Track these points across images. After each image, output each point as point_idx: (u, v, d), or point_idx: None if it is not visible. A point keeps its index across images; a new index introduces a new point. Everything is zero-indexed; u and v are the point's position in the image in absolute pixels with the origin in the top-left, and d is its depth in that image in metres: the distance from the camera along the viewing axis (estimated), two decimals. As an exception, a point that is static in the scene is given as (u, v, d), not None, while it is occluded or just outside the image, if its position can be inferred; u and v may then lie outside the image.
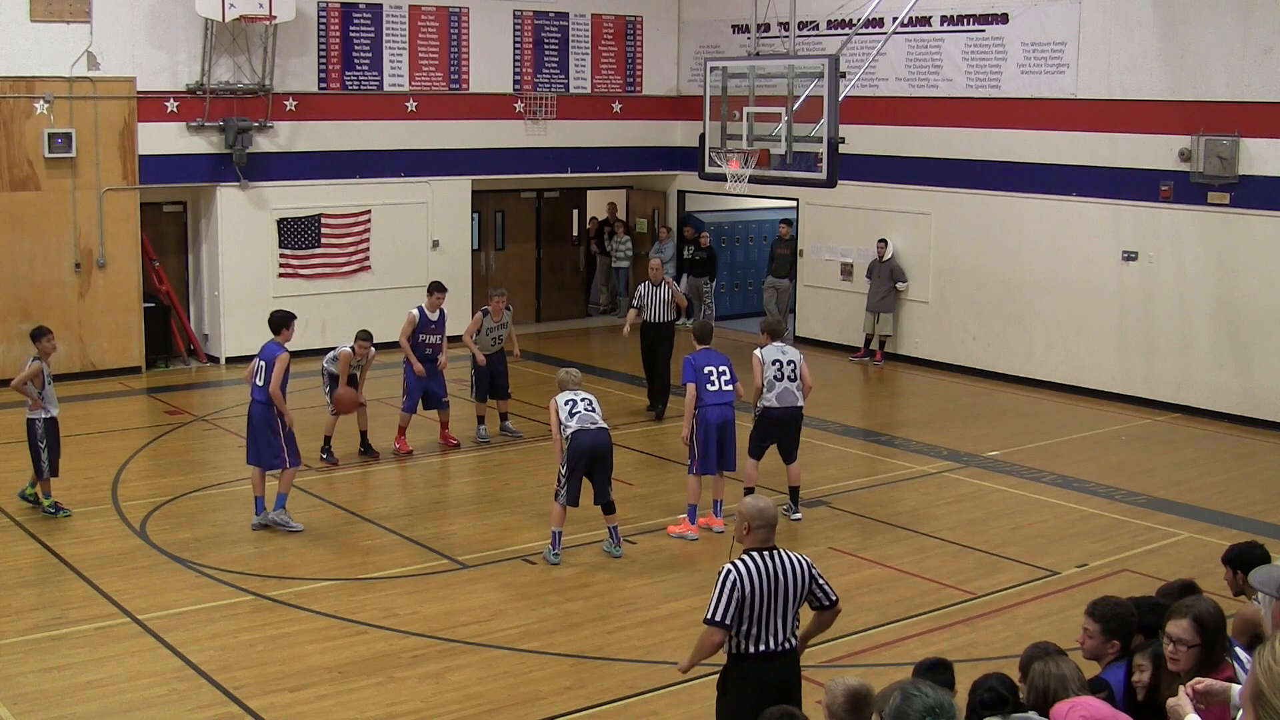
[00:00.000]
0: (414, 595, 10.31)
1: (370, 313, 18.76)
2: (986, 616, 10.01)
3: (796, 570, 6.40)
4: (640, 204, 23.85)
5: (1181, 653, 5.18)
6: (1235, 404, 16.12)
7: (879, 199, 19.65)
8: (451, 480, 14.07)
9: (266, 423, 11.68)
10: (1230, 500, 13.04)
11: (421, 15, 20.17)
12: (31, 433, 11.93)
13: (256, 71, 18.64)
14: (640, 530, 11.82)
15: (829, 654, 9.08)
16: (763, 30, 16.17)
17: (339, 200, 19.62)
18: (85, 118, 17.49)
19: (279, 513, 11.78)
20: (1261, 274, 15.79)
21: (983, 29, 18.36)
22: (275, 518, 11.76)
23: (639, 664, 9.07)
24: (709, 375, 11.59)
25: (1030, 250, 18.04)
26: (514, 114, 21.15)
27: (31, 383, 11.86)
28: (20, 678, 8.70)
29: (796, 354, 11.91)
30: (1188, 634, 5.18)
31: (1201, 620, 5.19)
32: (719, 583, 6.34)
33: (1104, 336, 17.36)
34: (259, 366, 11.71)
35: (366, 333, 13.94)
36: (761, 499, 6.64)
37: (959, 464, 14.27)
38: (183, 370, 18.70)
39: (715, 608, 6.31)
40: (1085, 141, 17.26)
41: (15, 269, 17.28)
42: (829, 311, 20.75)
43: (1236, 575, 6.51)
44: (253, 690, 8.55)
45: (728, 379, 11.66)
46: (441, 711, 8.33)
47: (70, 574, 10.66)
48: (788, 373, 11.71)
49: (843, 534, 11.92)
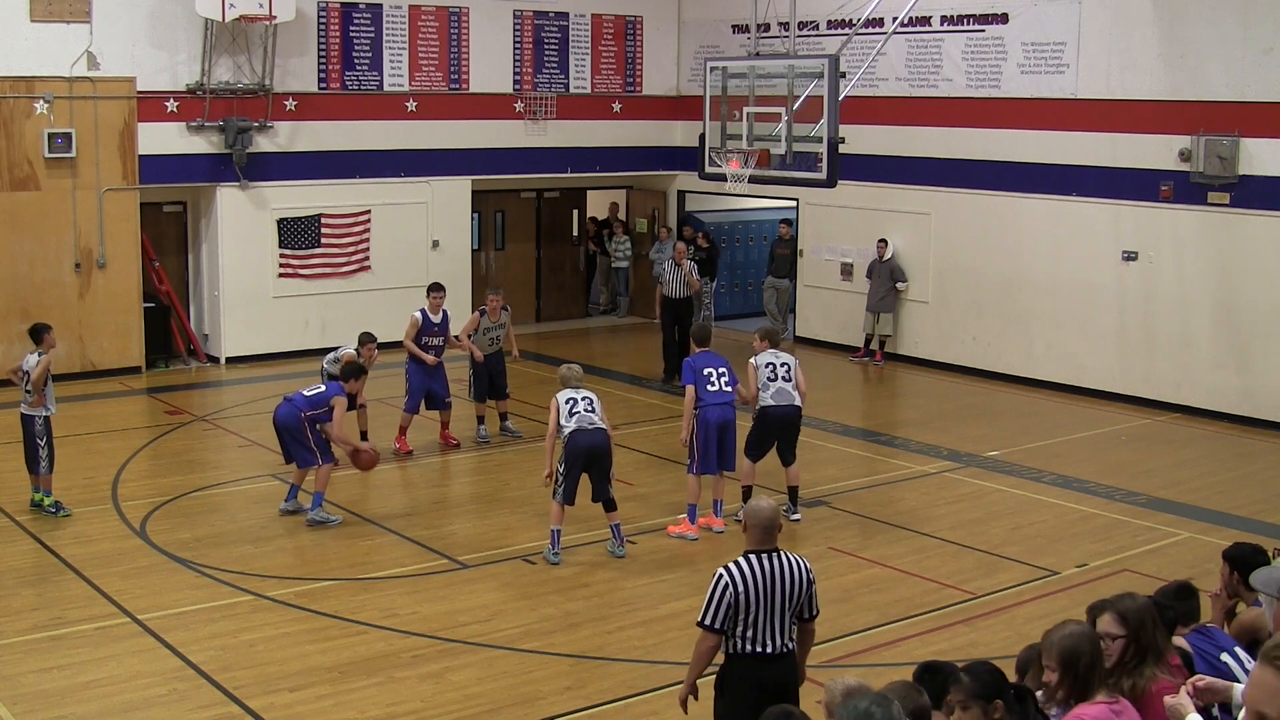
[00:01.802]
0: (414, 595, 10.32)
1: (370, 313, 18.76)
2: (986, 616, 10.01)
3: (797, 574, 6.40)
4: (640, 204, 23.85)
5: (1110, 646, 5.24)
6: (1235, 404, 16.12)
7: (879, 199, 19.64)
8: (451, 480, 14.08)
9: (288, 429, 11.85)
10: (1230, 500, 13.04)
11: (421, 15, 20.16)
12: (30, 429, 11.91)
13: (256, 71, 18.64)
14: (640, 530, 11.82)
15: (829, 654, 9.09)
16: (763, 30, 16.16)
17: (339, 200, 19.61)
18: (85, 118, 17.49)
19: (316, 511, 11.89)
20: (1261, 274, 15.79)
21: (983, 29, 18.36)
22: (314, 516, 11.86)
23: (639, 664, 9.08)
24: (709, 376, 11.61)
25: (1030, 250, 18.04)
26: (514, 114, 21.15)
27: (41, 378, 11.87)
28: (20, 678, 8.71)
29: (792, 358, 12.00)
30: (1113, 627, 5.26)
31: (1124, 614, 5.27)
32: (711, 586, 6.36)
33: (1104, 336, 17.35)
34: (317, 388, 12.13)
35: (370, 335, 13.95)
36: (762, 500, 6.63)
37: (959, 464, 14.27)
38: (183, 370, 18.70)
39: (706, 612, 6.34)
40: (1085, 141, 17.26)
41: (15, 269, 17.28)
42: (829, 311, 20.75)
43: (1233, 575, 6.51)
44: (253, 690, 8.55)
45: (728, 380, 11.68)
46: (441, 711, 8.33)
47: (70, 574, 10.66)
48: (781, 374, 11.78)
49: (843, 534, 11.92)
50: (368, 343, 13.79)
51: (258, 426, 14.63)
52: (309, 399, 11.93)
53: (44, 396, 11.89)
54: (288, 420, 11.86)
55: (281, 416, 11.91)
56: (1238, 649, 5.88)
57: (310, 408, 11.89)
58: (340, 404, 11.97)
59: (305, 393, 12.02)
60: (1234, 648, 5.88)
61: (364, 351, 13.69)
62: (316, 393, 12.01)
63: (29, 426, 11.93)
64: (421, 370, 14.32)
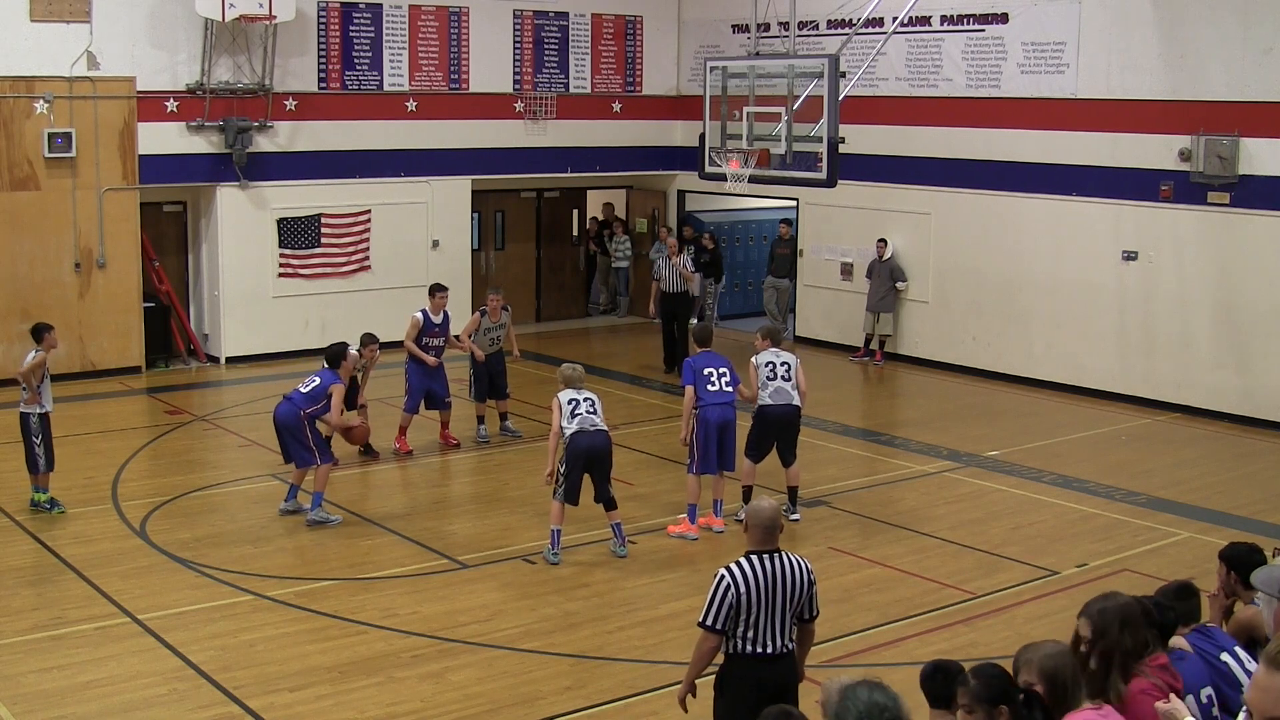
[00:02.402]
0: (414, 595, 10.32)
1: (370, 312, 18.77)
2: (986, 616, 10.01)
3: (798, 574, 6.40)
4: (640, 204, 23.85)
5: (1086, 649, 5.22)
6: (1235, 404, 16.12)
7: (879, 199, 19.64)
8: (451, 480, 14.08)
9: (288, 427, 11.85)
10: (1230, 500, 13.04)
11: (421, 15, 20.16)
12: (26, 427, 11.92)
13: (256, 71, 18.64)
14: (640, 530, 11.82)
15: (829, 654, 9.10)
16: (763, 30, 16.16)
17: (339, 200, 19.62)
18: (85, 118, 17.49)
19: (316, 511, 11.90)
20: (1261, 274, 15.79)
21: (983, 29, 18.36)
22: (314, 516, 11.87)
23: (639, 664, 9.08)
24: (709, 376, 11.61)
25: (1030, 250, 18.04)
26: (514, 114, 21.15)
27: (32, 374, 11.85)
28: (20, 678, 8.71)
29: (793, 358, 11.99)
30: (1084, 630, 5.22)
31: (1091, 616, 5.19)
32: (712, 587, 6.36)
33: (1104, 336, 17.35)
34: (311, 380, 12.06)
35: (373, 336, 13.93)
36: (764, 500, 6.64)
37: (959, 464, 14.27)
38: (183, 370, 18.70)
39: (707, 613, 6.34)
40: (1085, 141, 17.26)
41: (15, 269, 17.28)
42: (829, 311, 20.75)
43: (1230, 575, 6.51)
44: (253, 690, 8.55)
45: (728, 380, 11.68)
46: (441, 711, 8.34)
47: (70, 574, 10.66)
48: (781, 373, 11.77)
49: (843, 534, 11.92)
50: (369, 344, 13.79)
51: (258, 426, 14.63)
52: (306, 395, 11.94)
53: (39, 394, 11.89)
54: (287, 419, 11.87)
55: (281, 415, 11.92)
56: (1237, 649, 5.89)
57: (309, 404, 11.89)
58: (338, 391, 11.96)
59: (302, 389, 12.02)
60: (1234, 647, 5.89)
61: (365, 352, 13.69)
62: (313, 387, 11.99)
63: (24, 424, 11.94)
64: (421, 370, 14.32)
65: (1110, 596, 5.35)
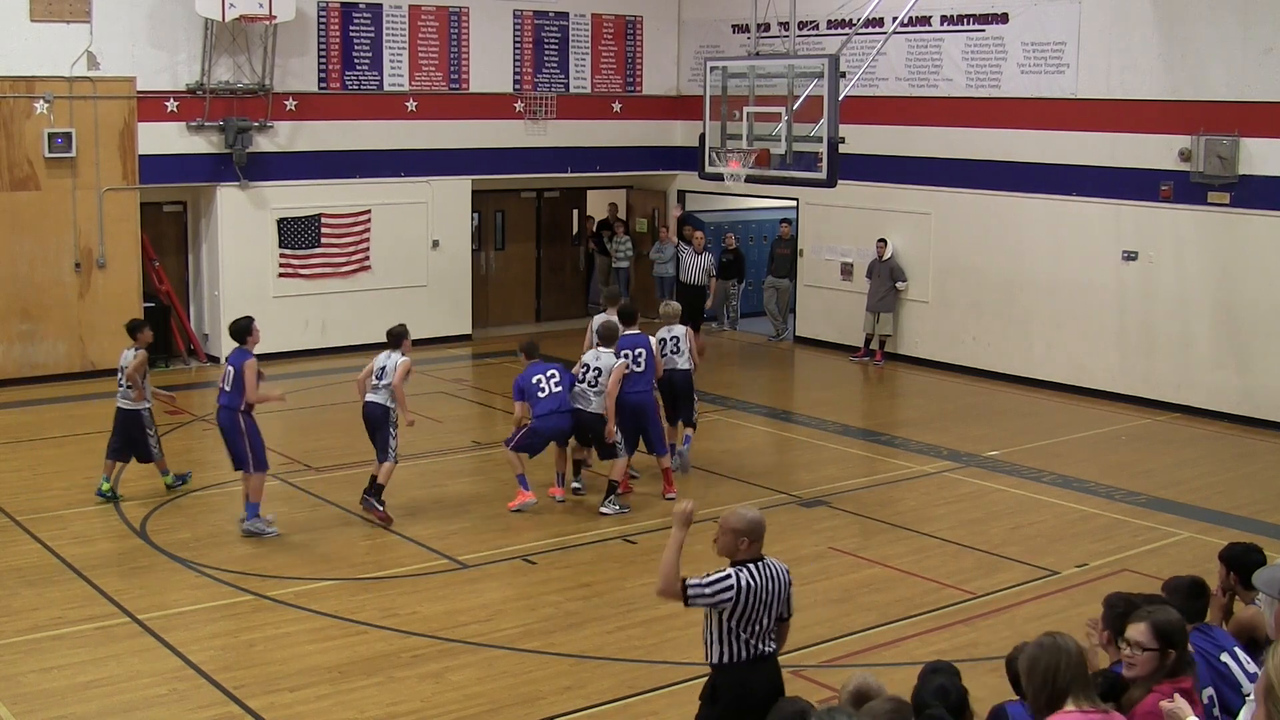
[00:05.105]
0: (414, 595, 10.32)
1: (370, 312, 18.77)
2: (986, 616, 10.01)
3: (781, 578, 6.48)
4: (640, 204, 23.85)
5: (1138, 656, 5.19)
6: (1235, 404, 16.12)
7: (879, 199, 19.64)
8: (451, 480, 14.06)
9: (225, 429, 11.63)
10: (1230, 500, 13.04)
11: (421, 15, 20.16)
12: (138, 423, 12.40)
13: (256, 71, 18.64)
14: (641, 530, 11.83)
15: (829, 654, 9.10)
16: (763, 30, 16.17)
17: (339, 200, 19.61)
18: (85, 118, 17.49)
19: (252, 522, 11.56)
20: (1261, 274, 15.79)
21: (983, 29, 18.36)
22: (249, 527, 11.54)
23: (639, 664, 9.08)
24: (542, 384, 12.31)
25: (1030, 250, 18.04)
26: (514, 114, 21.15)
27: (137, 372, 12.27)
28: (20, 678, 8.71)
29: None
30: (1144, 638, 5.19)
31: (1159, 627, 5.19)
32: (716, 576, 6.34)
33: (1104, 336, 17.35)
34: (227, 373, 11.60)
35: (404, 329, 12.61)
36: (750, 510, 6.65)
37: (959, 464, 14.27)
38: (183, 370, 18.69)
39: (698, 592, 6.29)
40: (1085, 141, 17.26)
41: (15, 269, 17.28)
42: (829, 311, 20.75)
43: (1230, 575, 6.52)
44: (253, 690, 8.55)
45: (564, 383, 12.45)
46: (441, 711, 8.34)
47: (70, 574, 10.65)
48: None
49: (843, 534, 11.92)
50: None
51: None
52: (230, 390, 11.49)
53: (143, 390, 12.35)
54: (224, 421, 11.60)
55: (221, 420, 11.67)
56: (1237, 649, 5.89)
57: (238, 395, 11.44)
58: (250, 366, 11.40)
59: (224, 387, 11.60)
60: (1234, 647, 5.89)
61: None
62: (227, 375, 11.56)
63: (135, 420, 12.38)
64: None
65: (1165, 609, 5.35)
